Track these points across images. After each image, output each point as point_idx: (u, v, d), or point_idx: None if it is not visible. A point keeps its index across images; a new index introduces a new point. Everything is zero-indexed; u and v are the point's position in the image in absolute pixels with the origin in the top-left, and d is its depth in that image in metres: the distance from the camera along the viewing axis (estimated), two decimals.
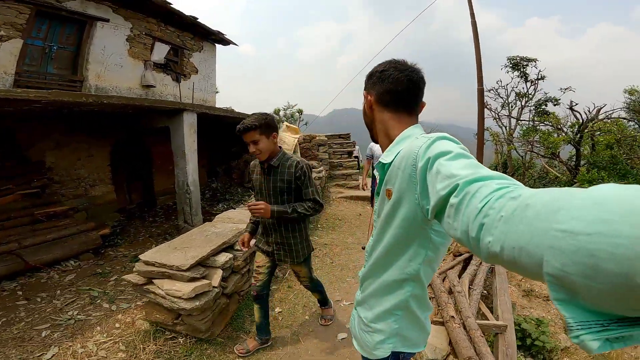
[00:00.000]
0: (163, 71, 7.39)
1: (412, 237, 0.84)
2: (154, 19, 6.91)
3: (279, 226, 2.05)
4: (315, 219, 5.73)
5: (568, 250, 0.30)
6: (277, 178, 1.97)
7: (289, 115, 15.03)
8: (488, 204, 0.45)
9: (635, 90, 11.41)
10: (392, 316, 0.96)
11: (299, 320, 2.78)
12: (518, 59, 12.97)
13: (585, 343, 0.31)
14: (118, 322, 2.64)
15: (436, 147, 0.67)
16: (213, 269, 2.44)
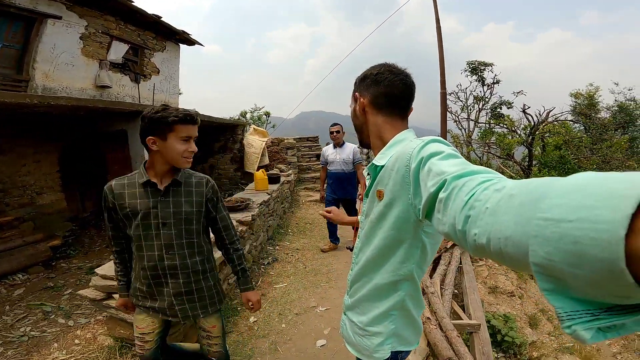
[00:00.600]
0: (120, 71, 6.96)
1: (404, 238, 0.85)
2: (112, 17, 6.51)
3: (182, 269, 1.41)
4: (285, 223, 5.64)
5: (552, 238, 0.30)
6: (182, 200, 1.39)
7: (256, 117, 14.74)
8: (474, 196, 0.46)
9: (580, 94, 12.40)
10: (389, 317, 0.97)
11: (276, 329, 2.69)
12: (476, 63, 13.66)
13: (577, 333, 0.30)
14: (77, 338, 2.43)
15: (429, 149, 0.69)
16: None
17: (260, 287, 3.31)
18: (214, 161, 8.57)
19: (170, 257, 1.37)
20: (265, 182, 5.16)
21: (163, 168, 1.35)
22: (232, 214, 3.70)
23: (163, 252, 1.36)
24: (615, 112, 12.50)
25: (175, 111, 1.30)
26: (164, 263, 1.37)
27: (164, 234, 1.36)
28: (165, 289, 1.41)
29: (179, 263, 1.40)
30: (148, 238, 1.35)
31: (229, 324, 2.68)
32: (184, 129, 1.32)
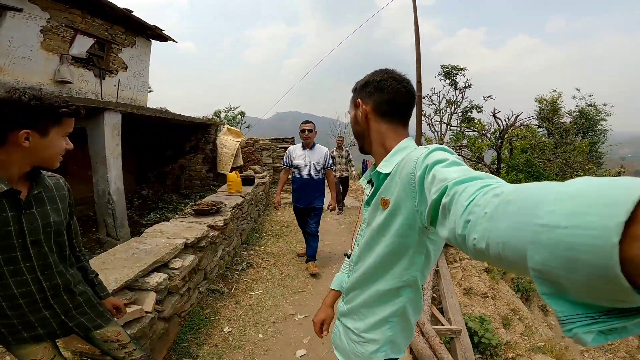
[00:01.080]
0: (84, 66, 6.54)
1: (408, 245, 0.84)
2: (78, 10, 6.11)
3: (64, 286, 1.20)
4: (260, 227, 5.46)
5: (548, 244, 0.30)
6: (48, 209, 1.13)
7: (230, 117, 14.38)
8: (473, 201, 0.46)
9: (544, 99, 13.02)
10: (388, 324, 0.96)
11: (252, 339, 2.54)
12: (450, 68, 14.05)
13: (578, 336, 0.31)
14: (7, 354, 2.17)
15: (433, 156, 0.69)
16: (144, 292, 2.10)
17: (234, 295, 3.13)
18: (185, 162, 8.24)
19: (47, 277, 1.14)
20: (239, 184, 4.97)
21: (23, 170, 1.06)
22: (203, 218, 3.51)
23: (38, 274, 1.11)
24: (577, 117, 13.23)
25: (59, 99, 1.06)
26: (41, 285, 1.12)
27: (36, 254, 1.09)
28: (47, 312, 1.17)
29: (60, 281, 1.18)
30: (11, 262, 1.05)
31: (201, 335, 2.50)
32: (70, 124, 1.11)
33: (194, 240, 2.83)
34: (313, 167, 3.60)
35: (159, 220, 5.97)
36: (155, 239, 2.75)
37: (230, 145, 7.73)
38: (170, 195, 7.63)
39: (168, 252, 2.46)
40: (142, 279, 2.15)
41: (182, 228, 3.08)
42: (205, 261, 3.02)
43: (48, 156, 1.07)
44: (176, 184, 8.06)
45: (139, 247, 2.56)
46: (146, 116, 5.56)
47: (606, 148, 13.96)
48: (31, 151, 1.02)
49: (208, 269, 3.11)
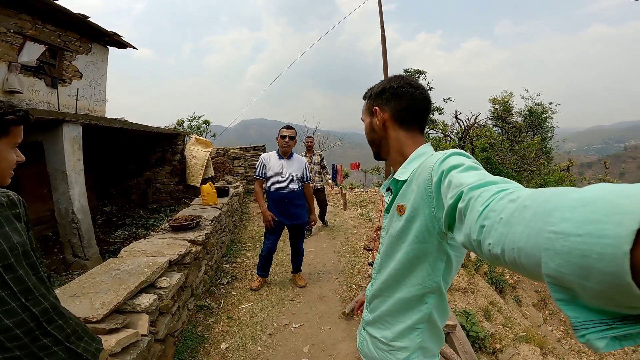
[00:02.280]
0: (34, 75, 6.03)
1: (428, 251, 0.84)
2: (29, 15, 5.65)
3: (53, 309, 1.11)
4: (239, 238, 5.30)
5: (562, 252, 0.31)
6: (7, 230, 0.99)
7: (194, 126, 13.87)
8: (489, 206, 0.47)
9: (497, 100, 13.87)
10: (415, 331, 0.95)
11: (252, 353, 2.45)
12: (412, 72, 14.57)
13: (591, 342, 0.31)
14: None
15: (449, 162, 0.69)
16: (136, 315, 1.96)
17: (224, 310, 3.00)
18: (151, 175, 7.83)
19: (33, 302, 1.03)
20: (214, 196, 4.78)
21: None
22: (183, 233, 3.33)
23: (22, 300, 1.00)
24: (527, 116, 14.22)
25: (4, 105, 0.95)
26: (31, 312, 1.02)
27: (12, 279, 0.98)
28: (46, 339, 1.07)
29: (48, 305, 1.08)
30: None
31: (199, 354, 2.38)
32: (20, 133, 0.99)
33: (177, 257, 2.68)
34: (291, 180, 3.24)
35: (128, 238, 5.63)
36: (135, 259, 2.57)
37: (199, 155, 7.46)
38: (137, 211, 7.19)
39: (153, 272, 2.32)
40: (130, 301, 2.01)
41: (163, 245, 2.90)
42: (191, 277, 2.87)
43: (4, 168, 0.97)
44: (143, 199, 7.62)
45: (120, 267, 2.38)
46: (108, 128, 5.20)
47: (554, 144, 15.14)
48: None
49: (194, 285, 2.95)
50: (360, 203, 8.39)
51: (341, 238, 5.30)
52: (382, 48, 5.68)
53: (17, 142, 0.99)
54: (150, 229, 5.81)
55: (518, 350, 3.59)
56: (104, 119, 5.73)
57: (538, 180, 11.68)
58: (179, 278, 2.50)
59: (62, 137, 4.10)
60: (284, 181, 3.22)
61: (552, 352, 4.26)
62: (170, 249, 2.78)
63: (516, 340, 3.70)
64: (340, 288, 3.53)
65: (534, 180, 11.59)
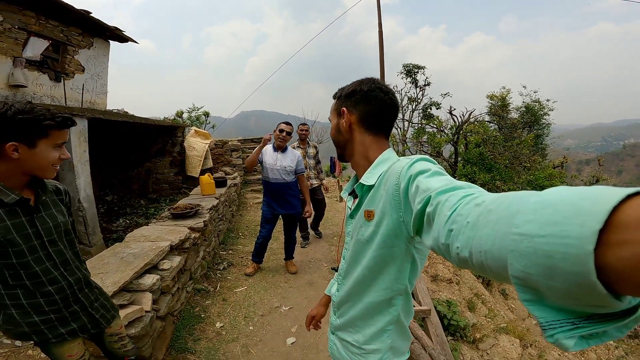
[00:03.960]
0: (38, 69, 6.22)
1: (396, 255, 0.85)
2: (33, 12, 5.81)
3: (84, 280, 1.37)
4: (235, 227, 5.56)
5: (527, 253, 0.31)
6: (54, 211, 1.27)
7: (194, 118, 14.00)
8: (456, 211, 0.48)
9: (495, 96, 14.03)
10: (385, 332, 0.97)
11: (244, 332, 2.70)
12: (411, 66, 14.68)
13: (559, 342, 0.32)
14: (32, 358, 2.17)
15: (416, 167, 0.71)
16: (140, 293, 2.21)
17: (220, 293, 3.26)
18: (151, 165, 8.06)
19: (70, 272, 1.28)
20: (213, 186, 5.02)
21: (23, 179, 1.15)
22: (182, 221, 3.58)
23: (61, 269, 1.25)
24: (523, 113, 14.39)
25: (47, 111, 1.11)
26: (68, 280, 1.27)
27: (55, 251, 1.24)
28: (76, 305, 1.32)
29: (81, 275, 1.34)
30: (39, 262, 1.19)
31: (196, 331, 2.64)
32: (61, 135, 1.16)
33: (178, 242, 2.93)
34: (284, 171, 3.44)
35: (129, 226, 5.88)
36: (140, 243, 2.82)
37: (199, 147, 7.68)
38: (137, 200, 7.44)
39: (157, 254, 2.57)
40: (136, 281, 2.26)
41: (164, 231, 3.15)
42: (190, 262, 3.12)
43: (38, 166, 1.13)
44: (143, 189, 7.87)
45: (126, 251, 2.63)
46: (111, 120, 5.42)
47: (550, 140, 15.31)
48: (22, 162, 1.10)
49: (192, 269, 3.21)
50: None
51: (333, 229, 5.55)
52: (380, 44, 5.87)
53: (57, 142, 1.15)
54: (150, 217, 6.07)
55: (498, 341, 3.71)
56: (108, 112, 5.94)
57: (528, 176, 11.90)
58: (179, 261, 2.76)
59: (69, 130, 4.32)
60: (278, 172, 3.42)
61: (534, 345, 4.35)
62: (171, 234, 3.03)
63: (496, 331, 3.84)
64: (330, 275, 3.80)
65: (524, 176, 11.80)
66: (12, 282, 1.16)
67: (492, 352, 3.41)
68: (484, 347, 3.48)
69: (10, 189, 1.11)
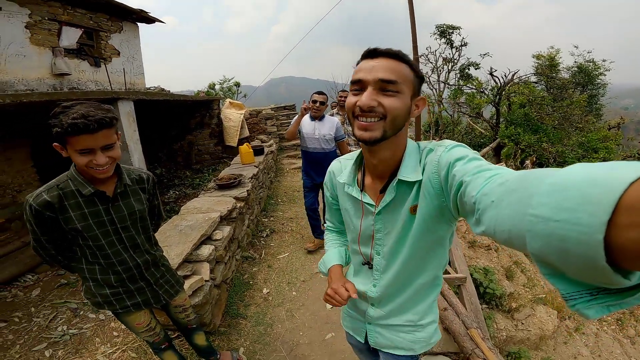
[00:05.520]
0: (77, 56, 6.61)
1: (440, 237, 0.88)
2: (57, 2, 6.12)
3: (152, 261, 1.53)
4: (275, 193, 5.78)
5: (542, 234, 0.33)
6: (132, 200, 1.39)
7: (226, 89, 14.19)
8: (481, 190, 0.52)
9: (542, 56, 12.90)
10: (434, 303, 1.07)
11: (288, 297, 2.93)
12: (445, 27, 13.73)
13: (581, 311, 0.34)
14: (115, 330, 2.53)
15: (454, 154, 0.72)
16: (199, 263, 2.43)
17: (265, 260, 3.51)
18: (192, 138, 8.43)
19: (139, 254, 1.44)
20: (251, 155, 5.19)
21: None
22: (227, 191, 3.78)
23: (131, 252, 1.42)
24: (575, 73, 13.17)
25: (66, 116, 1.07)
26: (136, 261, 1.44)
27: (127, 236, 1.39)
28: (142, 282, 1.49)
29: (149, 257, 1.50)
30: (112, 245, 1.35)
31: (246, 298, 2.89)
32: (79, 141, 1.11)
33: (226, 213, 3.13)
34: (324, 140, 3.34)
35: (179, 197, 6.32)
36: (193, 215, 3.07)
37: (234, 118, 7.90)
38: (183, 172, 7.90)
39: (210, 226, 2.77)
40: (195, 252, 2.47)
41: (213, 202, 3.38)
42: (237, 231, 3.36)
43: (79, 167, 1.20)
44: (187, 161, 8.32)
45: (182, 223, 2.86)
46: (154, 100, 5.71)
47: (606, 100, 14.03)
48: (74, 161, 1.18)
49: (240, 237, 3.46)
50: None
51: None
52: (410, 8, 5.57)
53: (76, 148, 1.12)
54: (197, 188, 6.46)
55: (534, 311, 3.67)
56: (150, 92, 6.24)
57: (579, 137, 11.11)
58: (229, 231, 2.98)
59: (119, 113, 4.64)
60: (317, 141, 3.34)
61: (572, 318, 4.31)
62: (220, 205, 3.24)
63: (534, 302, 3.79)
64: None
65: (575, 138, 11.04)
66: (91, 259, 1.36)
67: (527, 322, 3.37)
68: (519, 317, 3.48)
69: (88, 182, 1.24)
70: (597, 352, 3.94)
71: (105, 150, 1.17)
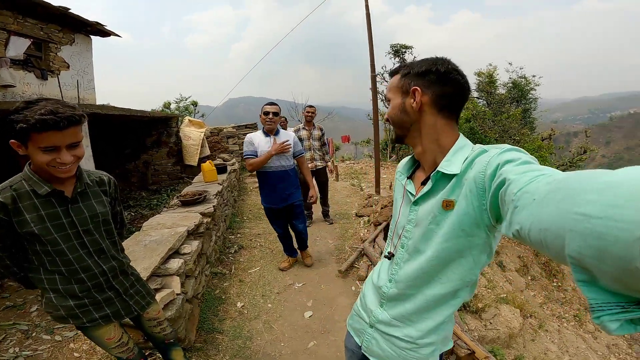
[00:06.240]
0: (23, 68, 6.16)
1: (474, 244, 0.81)
2: (9, 11, 5.76)
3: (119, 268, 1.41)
4: (239, 211, 5.68)
5: (583, 233, 0.31)
6: (93, 202, 1.31)
7: (182, 108, 13.82)
8: (523, 189, 0.49)
9: (482, 73, 14.19)
10: (443, 325, 0.93)
11: (264, 309, 2.87)
12: (398, 47, 14.64)
13: (604, 324, 0.32)
14: (75, 351, 2.31)
15: (506, 156, 0.68)
16: (169, 277, 2.33)
17: (235, 275, 3.42)
18: (148, 157, 8.08)
19: (104, 260, 1.33)
20: (214, 173, 5.09)
21: None
22: (193, 207, 3.68)
23: (95, 257, 1.31)
24: (510, 88, 14.61)
25: (32, 112, 1.02)
26: (102, 268, 1.32)
27: (90, 240, 1.28)
28: (110, 292, 1.37)
29: (115, 264, 1.38)
30: (73, 250, 1.24)
31: (220, 312, 2.79)
32: (45, 138, 1.06)
33: (193, 227, 3.03)
34: (282, 156, 3.01)
35: (135, 218, 5.97)
36: (158, 230, 2.93)
37: (194, 136, 7.72)
38: (138, 193, 7.50)
39: (177, 240, 2.68)
40: (163, 266, 2.37)
41: (178, 218, 3.25)
42: (205, 246, 3.25)
43: (39, 166, 1.11)
44: (142, 181, 7.91)
45: (147, 239, 2.73)
46: (104, 115, 5.43)
47: (537, 114, 15.64)
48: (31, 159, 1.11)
49: (208, 253, 3.35)
50: (352, 174, 8.83)
51: (334, 207, 5.70)
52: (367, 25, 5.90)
53: (40, 145, 1.06)
54: (154, 208, 6.16)
55: (499, 311, 3.77)
56: (105, 107, 5.93)
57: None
58: (198, 245, 2.88)
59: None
60: (275, 159, 2.99)
61: (534, 315, 4.51)
62: (186, 220, 3.14)
63: (497, 302, 3.95)
64: (336, 251, 3.98)
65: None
66: (50, 267, 1.23)
67: (494, 322, 3.51)
68: (487, 317, 3.57)
69: (44, 181, 1.15)
70: (564, 348, 4.17)
71: (71, 149, 1.12)
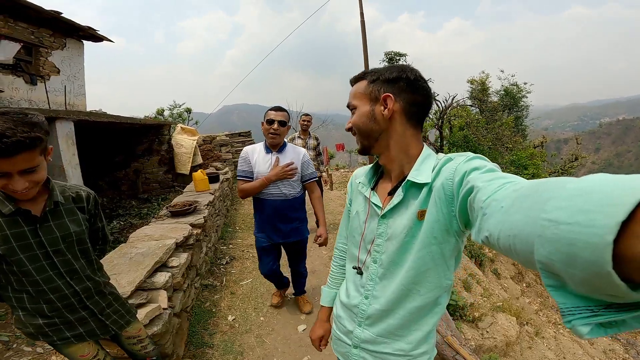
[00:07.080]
0: (12, 73, 6.02)
1: (445, 251, 0.81)
2: (0, 14, 5.64)
3: (95, 288, 1.33)
4: (232, 221, 5.57)
5: (552, 239, 0.31)
6: (66, 221, 1.21)
7: (176, 115, 13.66)
8: (492, 196, 0.50)
9: (475, 81, 14.33)
10: (431, 333, 0.94)
11: (256, 322, 2.77)
12: (392, 54, 14.74)
13: (576, 328, 0.32)
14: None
15: (473, 163, 0.69)
16: (155, 291, 2.23)
17: (227, 287, 3.31)
18: (139, 165, 7.93)
19: (77, 281, 1.25)
20: (206, 182, 4.99)
21: None
22: (182, 218, 3.58)
23: (67, 278, 1.22)
24: (502, 96, 14.77)
25: None
26: (73, 289, 1.25)
27: (61, 261, 1.20)
28: (84, 312, 1.30)
29: (90, 284, 1.30)
30: (41, 271, 1.16)
31: (210, 326, 2.68)
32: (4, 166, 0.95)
33: (182, 239, 2.93)
34: (285, 181, 2.31)
35: (124, 228, 5.81)
36: (145, 242, 2.82)
37: (186, 144, 7.60)
38: (128, 202, 7.33)
39: (164, 252, 2.57)
40: (149, 280, 2.27)
41: (167, 230, 3.15)
42: (195, 258, 3.15)
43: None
44: (133, 189, 7.75)
45: (133, 251, 2.63)
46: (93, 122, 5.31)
47: (529, 121, 15.82)
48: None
49: (198, 265, 3.24)
50: (346, 183, 8.73)
51: (329, 217, 5.63)
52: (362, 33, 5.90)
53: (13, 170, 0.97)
54: (144, 218, 6.01)
55: (496, 319, 3.74)
56: (94, 114, 5.81)
57: (511, 156, 12.30)
58: (187, 257, 2.78)
59: (57, 134, 4.23)
60: (277, 185, 2.31)
61: (530, 323, 4.46)
62: (174, 232, 3.03)
63: (493, 310, 3.92)
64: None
65: (507, 157, 12.20)
66: (17, 287, 1.16)
67: (491, 330, 3.48)
68: (483, 326, 3.54)
69: (9, 199, 1.08)
70: (561, 355, 4.12)
71: (25, 175, 1.00)
